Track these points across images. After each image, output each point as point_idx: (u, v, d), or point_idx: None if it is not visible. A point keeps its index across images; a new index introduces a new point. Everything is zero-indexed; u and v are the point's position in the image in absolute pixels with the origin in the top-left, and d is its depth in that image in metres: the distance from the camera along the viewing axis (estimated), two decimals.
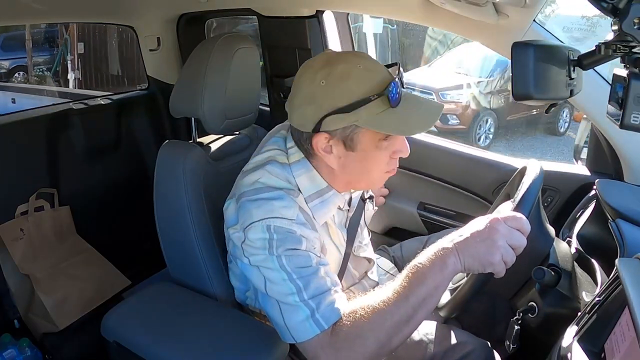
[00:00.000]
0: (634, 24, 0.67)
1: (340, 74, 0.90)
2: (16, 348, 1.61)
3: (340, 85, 0.90)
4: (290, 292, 0.90)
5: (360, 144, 0.94)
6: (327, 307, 0.89)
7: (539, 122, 6.81)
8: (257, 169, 1.01)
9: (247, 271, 0.99)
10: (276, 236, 0.92)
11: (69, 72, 5.64)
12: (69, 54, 5.61)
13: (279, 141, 1.05)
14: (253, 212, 0.93)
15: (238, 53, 1.26)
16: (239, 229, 0.96)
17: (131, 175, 2.08)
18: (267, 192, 0.96)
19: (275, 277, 0.92)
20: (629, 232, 0.95)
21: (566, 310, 0.93)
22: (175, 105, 1.30)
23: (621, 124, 0.70)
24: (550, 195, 1.43)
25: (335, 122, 0.91)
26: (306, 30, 1.71)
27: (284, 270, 0.91)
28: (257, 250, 0.93)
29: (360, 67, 0.91)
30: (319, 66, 0.93)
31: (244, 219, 0.95)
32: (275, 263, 0.92)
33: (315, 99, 0.92)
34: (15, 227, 1.76)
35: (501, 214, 0.87)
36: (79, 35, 5.68)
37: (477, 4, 1.05)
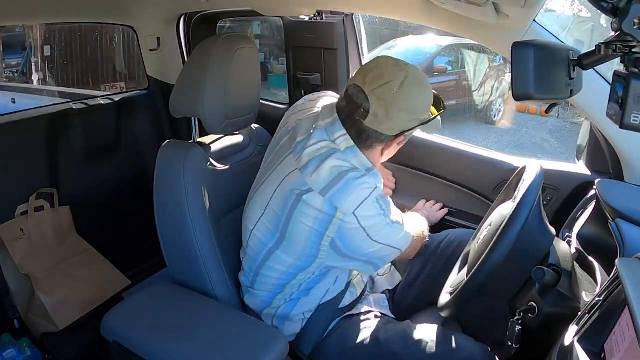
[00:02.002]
0: (634, 24, 0.67)
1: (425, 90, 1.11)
2: (16, 348, 1.61)
3: (428, 102, 1.12)
4: (397, 229, 1.12)
5: (397, 141, 1.13)
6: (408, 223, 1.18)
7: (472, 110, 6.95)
8: (321, 159, 1.08)
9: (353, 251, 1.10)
10: (382, 202, 1.08)
11: (33, 73, 6.18)
12: (34, 56, 6.13)
13: (323, 133, 1.12)
14: (356, 194, 1.05)
15: (238, 53, 1.26)
16: (344, 216, 1.05)
17: (131, 175, 2.08)
18: (349, 172, 1.07)
19: (388, 230, 1.10)
20: (629, 232, 0.96)
21: (566, 310, 0.93)
22: (176, 105, 1.30)
23: (621, 124, 0.70)
24: (550, 194, 1.43)
25: (413, 130, 1.12)
26: (333, 31, 1.78)
27: (393, 222, 1.10)
28: (375, 221, 1.08)
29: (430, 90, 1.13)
30: (416, 82, 1.08)
31: (347, 205, 1.05)
32: (388, 220, 1.09)
33: (414, 111, 1.09)
34: (15, 227, 1.76)
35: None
36: (45, 39, 6.20)
37: (477, 4, 1.04)
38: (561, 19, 5.98)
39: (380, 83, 1.06)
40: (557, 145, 5.94)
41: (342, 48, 1.82)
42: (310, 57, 1.87)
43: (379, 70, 1.08)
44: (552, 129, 6.33)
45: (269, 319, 1.21)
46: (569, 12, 6.54)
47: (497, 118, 6.95)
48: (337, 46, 1.80)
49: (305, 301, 1.19)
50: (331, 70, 1.84)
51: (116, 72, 6.07)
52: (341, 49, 1.81)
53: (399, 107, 1.06)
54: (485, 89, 7.11)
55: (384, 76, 1.06)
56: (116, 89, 5.58)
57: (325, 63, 1.85)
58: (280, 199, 1.09)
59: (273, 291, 1.18)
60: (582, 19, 6.49)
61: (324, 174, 1.06)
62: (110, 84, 5.90)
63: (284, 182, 1.10)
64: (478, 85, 7.11)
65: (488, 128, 6.80)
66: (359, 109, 1.08)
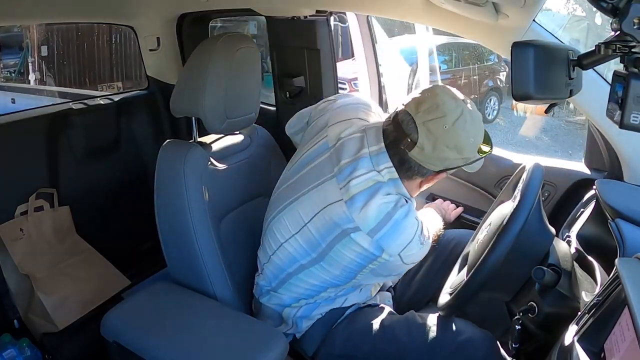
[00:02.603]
0: (634, 24, 0.67)
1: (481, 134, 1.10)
2: (16, 348, 1.61)
3: (476, 143, 1.09)
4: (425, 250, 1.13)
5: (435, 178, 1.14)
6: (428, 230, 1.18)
7: None
8: (368, 196, 1.06)
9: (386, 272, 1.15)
10: (423, 238, 1.10)
11: (30, 73, 6.27)
12: (30, 56, 6.21)
13: (369, 163, 1.09)
14: (403, 236, 1.06)
15: (239, 53, 1.26)
16: (389, 257, 1.07)
17: (131, 175, 2.08)
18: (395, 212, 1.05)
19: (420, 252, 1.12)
20: (628, 232, 0.96)
21: (566, 310, 0.93)
22: (176, 105, 1.30)
23: (621, 124, 0.70)
24: (547, 190, 1.44)
25: (454, 164, 1.09)
26: (316, 31, 1.71)
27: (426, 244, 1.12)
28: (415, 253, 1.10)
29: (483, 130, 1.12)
30: (470, 121, 1.06)
31: (394, 248, 1.06)
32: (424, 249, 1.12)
33: (463, 150, 1.06)
34: (15, 227, 1.75)
35: None
36: (43, 39, 6.28)
37: (477, 4, 1.04)
38: (556, 18, 5.99)
39: (434, 116, 1.03)
40: (551, 144, 5.96)
41: (327, 48, 1.73)
42: (293, 58, 1.80)
43: (435, 101, 1.04)
44: (546, 127, 6.36)
45: (289, 316, 1.22)
46: (564, 11, 6.54)
47: (491, 117, 6.99)
48: (320, 46, 1.72)
49: (328, 304, 1.22)
50: (315, 73, 1.75)
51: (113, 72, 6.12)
52: (325, 49, 1.73)
53: (447, 144, 1.04)
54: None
55: (439, 109, 1.03)
56: (113, 88, 5.63)
57: (309, 65, 1.77)
58: (321, 226, 1.08)
59: (299, 297, 1.19)
60: (578, 18, 6.51)
61: (372, 213, 1.04)
62: (108, 84, 5.96)
63: (327, 209, 1.08)
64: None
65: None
66: (407, 138, 1.05)
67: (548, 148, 5.80)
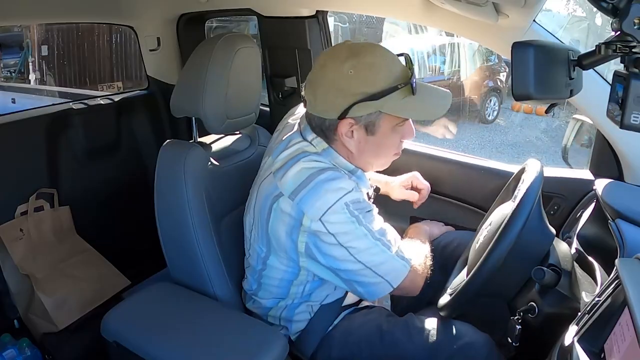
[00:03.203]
0: (634, 24, 0.67)
1: (369, 64, 1.00)
2: (16, 348, 1.61)
3: (369, 75, 1.00)
4: (380, 249, 1.04)
5: (380, 129, 1.05)
6: (404, 250, 1.10)
7: (467, 110, 7.00)
8: (292, 163, 1.05)
9: (328, 261, 1.05)
10: (355, 209, 1.01)
11: (31, 73, 6.32)
12: (31, 56, 6.27)
13: (297, 136, 1.11)
14: (323, 199, 1.00)
15: (239, 53, 1.26)
16: (311, 222, 1.01)
17: (131, 175, 2.08)
18: (320, 174, 1.02)
19: (366, 243, 1.03)
20: (628, 232, 0.95)
21: (566, 310, 0.93)
22: (176, 105, 1.30)
23: (621, 124, 0.70)
24: (557, 203, 1.39)
25: (362, 109, 1.01)
26: (306, 30, 1.70)
27: (371, 234, 1.03)
28: (345, 229, 1.01)
29: (384, 58, 1.02)
30: (344, 57, 1.01)
31: (314, 211, 1.00)
32: (363, 230, 1.02)
33: (344, 88, 1.00)
34: (15, 227, 1.75)
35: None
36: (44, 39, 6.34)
37: (477, 4, 1.04)
38: (557, 18, 6.01)
39: (312, 70, 1.08)
40: (551, 144, 5.97)
41: (317, 48, 1.72)
42: (285, 59, 1.78)
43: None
44: (546, 128, 6.37)
45: (275, 320, 1.21)
46: (565, 12, 6.56)
47: (491, 117, 7.03)
48: (310, 47, 1.70)
49: (308, 304, 1.20)
50: (306, 73, 1.70)
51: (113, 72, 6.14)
52: (316, 49, 1.72)
53: (323, 87, 1.03)
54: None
55: (317, 62, 1.08)
56: (113, 88, 5.64)
57: (300, 65, 1.74)
58: (260, 204, 1.08)
59: (276, 297, 1.18)
60: (578, 18, 6.53)
61: (293, 175, 1.02)
62: (108, 84, 5.98)
63: (261, 186, 1.09)
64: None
65: (482, 127, 6.87)
66: (304, 99, 1.09)
67: (548, 149, 5.82)
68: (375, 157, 1.11)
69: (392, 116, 1.03)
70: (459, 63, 7.16)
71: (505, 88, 7.29)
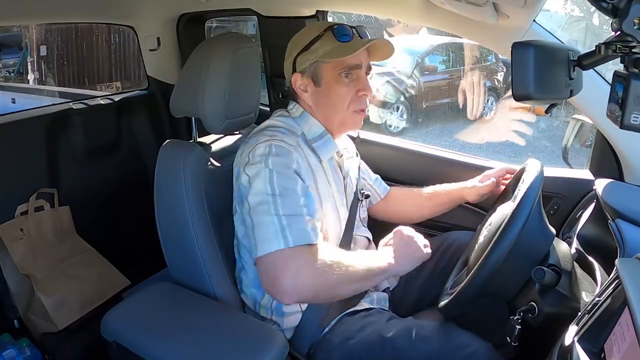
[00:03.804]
0: (634, 24, 0.67)
1: (303, 29, 1.23)
2: (16, 348, 1.61)
3: (301, 34, 1.21)
4: (268, 206, 1.02)
5: (324, 79, 1.17)
6: (298, 229, 1.00)
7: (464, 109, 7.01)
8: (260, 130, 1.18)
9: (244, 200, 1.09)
10: (275, 151, 1.07)
11: (29, 73, 6.40)
12: (29, 56, 6.34)
13: (281, 110, 1.26)
14: (259, 139, 1.11)
15: (239, 53, 1.26)
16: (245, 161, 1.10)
17: (131, 175, 2.08)
18: (272, 128, 1.16)
19: (261, 187, 1.04)
20: (628, 232, 0.95)
21: (566, 310, 0.93)
22: (176, 105, 1.30)
23: (621, 124, 0.70)
24: (557, 203, 1.39)
25: (302, 62, 1.18)
26: None
27: (270, 183, 1.04)
28: (254, 163, 1.07)
29: (315, 25, 1.21)
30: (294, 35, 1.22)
31: (250, 149, 1.10)
32: (266, 174, 1.05)
33: (290, 52, 1.21)
34: (15, 227, 1.76)
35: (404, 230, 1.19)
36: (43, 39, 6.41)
37: (477, 4, 1.05)
38: (555, 18, 6.03)
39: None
40: (548, 144, 5.98)
41: None
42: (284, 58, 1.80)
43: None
44: (544, 127, 6.38)
45: (268, 312, 1.20)
46: (562, 12, 6.57)
47: (488, 117, 7.05)
48: None
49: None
50: None
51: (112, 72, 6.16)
52: None
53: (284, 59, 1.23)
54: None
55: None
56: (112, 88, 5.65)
57: None
58: (234, 188, 1.17)
59: (259, 285, 1.15)
60: (575, 18, 6.54)
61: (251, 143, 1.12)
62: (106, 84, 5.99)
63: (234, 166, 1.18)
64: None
65: (479, 126, 6.88)
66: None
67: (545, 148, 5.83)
68: (333, 109, 1.19)
69: (330, 64, 1.15)
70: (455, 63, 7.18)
71: (502, 88, 7.31)
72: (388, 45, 1.20)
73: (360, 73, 1.18)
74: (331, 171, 1.23)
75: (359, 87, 1.17)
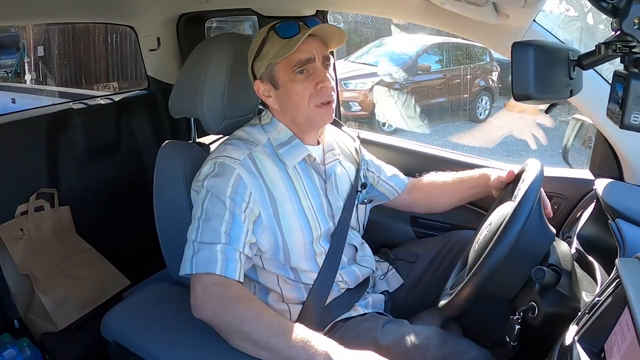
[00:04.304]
0: (634, 24, 0.67)
1: (255, 37, 1.19)
2: (16, 348, 1.61)
3: (253, 41, 1.19)
4: (192, 230, 1.05)
5: (280, 80, 1.15)
6: (204, 257, 1.01)
7: (459, 109, 7.12)
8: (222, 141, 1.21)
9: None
10: (216, 171, 1.09)
11: (26, 73, 6.48)
12: (27, 56, 6.42)
13: (256, 117, 1.26)
14: (213, 154, 1.14)
15: (238, 53, 1.26)
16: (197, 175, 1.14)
17: (131, 175, 2.08)
18: (229, 141, 1.18)
19: (196, 208, 1.08)
20: (629, 232, 0.95)
21: (566, 310, 0.93)
22: (175, 106, 1.30)
23: (621, 124, 0.70)
24: (557, 203, 1.39)
25: (258, 68, 1.17)
26: None
27: (201, 206, 1.06)
28: (198, 181, 1.11)
29: (263, 30, 1.17)
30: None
31: (204, 164, 1.13)
32: (202, 195, 1.08)
33: (248, 59, 1.19)
34: (15, 227, 1.76)
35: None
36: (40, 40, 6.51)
37: (477, 4, 1.04)
38: (549, 18, 6.06)
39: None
40: (542, 143, 6.00)
41: None
42: None
43: None
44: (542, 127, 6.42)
45: None
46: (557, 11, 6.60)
47: (483, 116, 7.14)
48: None
49: (273, 293, 1.18)
50: None
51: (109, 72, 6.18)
52: None
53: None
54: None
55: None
56: (109, 89, 5.65)
57: None
58: None
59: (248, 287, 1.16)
60: (571, 18, 6.56)
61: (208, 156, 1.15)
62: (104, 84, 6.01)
63: None
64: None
65: (473, 126, 6.95)
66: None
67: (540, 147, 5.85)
68: (295, 109, 1.16)
69: (281, 64, 1.13)
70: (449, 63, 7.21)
71: (497, 87, 7.32)
72: (334, 29, 1.15)
73: (316, 65, 1.13)
74: (304, 177, 1.18)
75: (316, 80, 1.13)
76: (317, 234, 1.17)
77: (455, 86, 7.08)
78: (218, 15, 2.25)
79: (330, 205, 1.21)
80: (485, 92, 7.21)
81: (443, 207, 1.46)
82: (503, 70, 7.20)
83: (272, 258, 1.14)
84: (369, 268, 1.30)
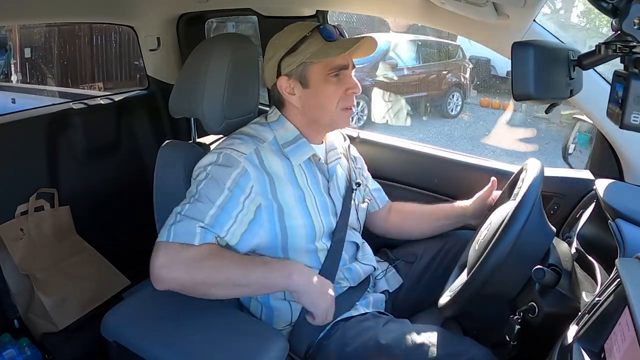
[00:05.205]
0: (634, 24, 0.67)
1: (285, 32, 1.20)
2: (16, 348, 1.61)
3: (284, 35, 1.19)
4: (181, 205, 1.06)
5: (312, 80, 1.16)
6: (183, 228, 1.02)
7: (432, 105, 7.20)
8: (227, 137, 1.21)
9: None
10: (221, 160, 1.10)
11: (13, 74, 6.58)
12: (13, 58, 6.51)
13: (261, 115, 1.27)
14: (218, 146, 1.15)
15: (237, 53, 1.26)
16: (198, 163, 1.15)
17: (131, 175, 2.08)
18: (235, 136, 1.18)
19: (191, 188, 1.10)
20: (628, 232, 0.95)
21: (566, 310, 0.93)
22: (175, 106, 1.30)
23: (621, 124, 0.70)
24: (557, 203, 1.39)
25: (289, 65, 1.16)
26: None
27: (197, 186, 1.07)
28: (199, 168, 1.12)
29: (297, 25, 1.20)
30: (273, 37, 1.22)
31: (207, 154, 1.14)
32: (201, 177, 1.09)
33: (273, 54, 1.19)
34: (15, 227, 1.76)
35: None
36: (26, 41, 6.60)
37: (477, 4, 1.05)
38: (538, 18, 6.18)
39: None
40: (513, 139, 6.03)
41: None
42: None
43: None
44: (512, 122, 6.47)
45: (258, 311, 1.21)
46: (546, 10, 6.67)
47: (454, 112, 7.22)
48: None
49: (274, 297, 1.19)
50: None
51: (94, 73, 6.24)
52: None
53: (265, 64, 1.22)
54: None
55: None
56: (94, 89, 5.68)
57: None
58: None
59: None
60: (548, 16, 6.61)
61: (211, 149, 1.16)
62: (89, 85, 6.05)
63: None
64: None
65: (444, 121, 7.03)
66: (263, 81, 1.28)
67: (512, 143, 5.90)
68: (321, 109, 1.18)
69: (318, 64, 1.15)
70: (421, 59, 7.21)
71: (468, 84, 7.37)
72: (373, 42, 1.19)
73: (348, 72, 1.18)
74: (309, 175, 1.20)
75: (347, 86, 1.17)
76: (320, 232, 1.18)
77: (426, 83, 7.12)
78: (218, 15, 2.25)
79: (333, 204, 1.23)
80: (456, 88, 7.24)
81: (416, 234, 1.46)
82: (475, 67, 7.32)
83: (270, 254, 1.15)
84: (371, 266, 1.31)
